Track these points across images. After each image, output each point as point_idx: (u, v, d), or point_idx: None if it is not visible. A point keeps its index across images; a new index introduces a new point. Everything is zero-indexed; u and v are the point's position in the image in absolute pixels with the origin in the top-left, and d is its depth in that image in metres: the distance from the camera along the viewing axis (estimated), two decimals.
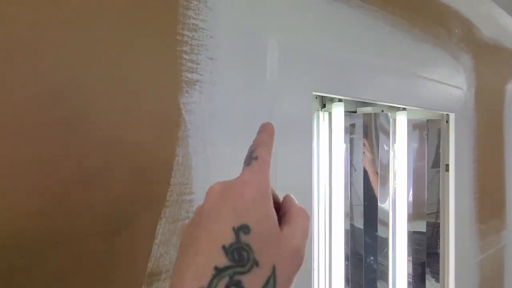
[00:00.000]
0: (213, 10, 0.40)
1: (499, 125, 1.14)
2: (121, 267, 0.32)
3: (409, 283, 0.82)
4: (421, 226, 0.84)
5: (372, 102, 0.65)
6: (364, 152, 0.65)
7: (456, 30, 0.88)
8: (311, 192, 0.49)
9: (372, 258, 0.67)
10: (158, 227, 0.35)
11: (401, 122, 0.80)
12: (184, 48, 0.37)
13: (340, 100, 0.62)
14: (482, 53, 1.02)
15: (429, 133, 0.85)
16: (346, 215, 0.63)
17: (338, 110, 0.62)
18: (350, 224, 0.66)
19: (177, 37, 0.36)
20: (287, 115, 0.47)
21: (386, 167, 0.70)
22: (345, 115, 0.65)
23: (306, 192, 0.48)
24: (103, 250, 0.31)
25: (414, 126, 0.87)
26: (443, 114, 0.87)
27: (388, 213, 0.72)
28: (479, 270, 1.03)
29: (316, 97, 0.63)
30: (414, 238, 0.83)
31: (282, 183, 0.45)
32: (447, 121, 0.87)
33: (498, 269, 1.16)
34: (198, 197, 0.38)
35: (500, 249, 1.17)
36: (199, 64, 0.38)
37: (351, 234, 0.66)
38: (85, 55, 0.30)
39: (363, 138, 0.65)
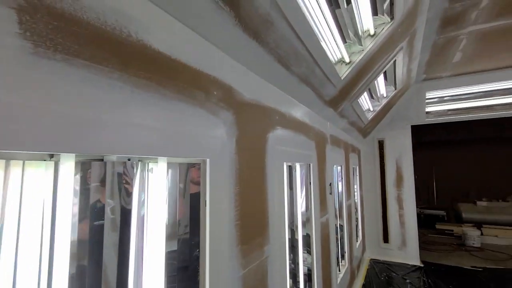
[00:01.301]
0: None
1: (262, 164, 1.49)
2: None
3: None
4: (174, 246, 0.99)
5: (111, 155, 0.74)
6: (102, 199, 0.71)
7: (215, 92, 1.11)
8: None
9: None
10: None
11: (160, 166, 0.93)
12: None
13: None
14: (244, 110, 1.33)
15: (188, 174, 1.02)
16: (72, 256, 0.67)
17: (67, 160, 0.66)
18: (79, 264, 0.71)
19: None
20: None
21: (129, 212, 0.79)
22: (86, 164, 0.71)
23: None
24: None
25: (180, 168, 1.03)
26: (203, 159, 1.06)
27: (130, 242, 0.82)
28: (242, 283, 1.28)
29: None
30: (168, 256, 0.96)
31: None
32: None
33: (262, 277, 1.47)
34: None
35: (264, 260, 1.50)
36: None
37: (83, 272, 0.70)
38: None
39: (101, 185, 0.72)
